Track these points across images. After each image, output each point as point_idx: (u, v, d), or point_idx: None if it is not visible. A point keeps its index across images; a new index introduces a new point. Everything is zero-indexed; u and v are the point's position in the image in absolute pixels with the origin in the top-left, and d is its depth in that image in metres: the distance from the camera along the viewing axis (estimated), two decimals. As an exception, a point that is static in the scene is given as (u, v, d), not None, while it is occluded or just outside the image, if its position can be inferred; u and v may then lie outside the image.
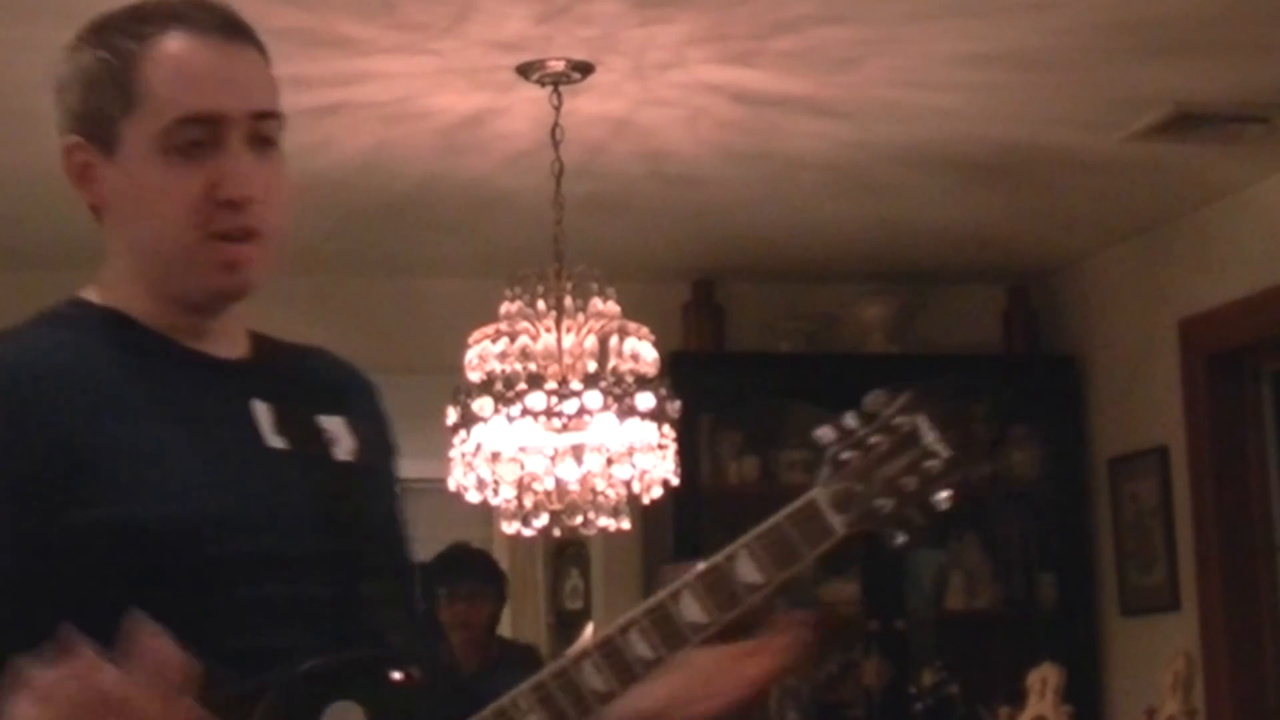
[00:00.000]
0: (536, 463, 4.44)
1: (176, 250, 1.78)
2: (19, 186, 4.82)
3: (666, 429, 4.48)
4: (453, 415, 4.44)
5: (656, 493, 4.57)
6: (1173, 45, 4.32)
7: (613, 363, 4.40)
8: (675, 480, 4.61)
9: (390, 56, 4.31)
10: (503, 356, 4.39)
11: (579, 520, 4.51)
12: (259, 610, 1.72)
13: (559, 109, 4.50)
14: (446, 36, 4.21)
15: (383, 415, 1.96)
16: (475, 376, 4.41)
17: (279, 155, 1.82)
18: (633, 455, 4.46)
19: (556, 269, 4.50)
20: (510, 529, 4.64)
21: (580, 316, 4.43)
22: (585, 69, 4.41)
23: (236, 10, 1.84)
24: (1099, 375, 6.30)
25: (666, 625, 1.76)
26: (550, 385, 4.35)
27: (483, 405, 4.37)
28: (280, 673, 1.67)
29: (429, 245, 5.91)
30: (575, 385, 4.35)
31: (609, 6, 4.07)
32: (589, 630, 6.33)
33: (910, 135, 4.94)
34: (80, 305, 1.84)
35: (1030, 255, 6.27)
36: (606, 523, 4.52)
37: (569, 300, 4.45)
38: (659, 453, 4.48)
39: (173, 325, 1.82)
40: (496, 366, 4.38)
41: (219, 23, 1.80)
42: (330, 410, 1.87)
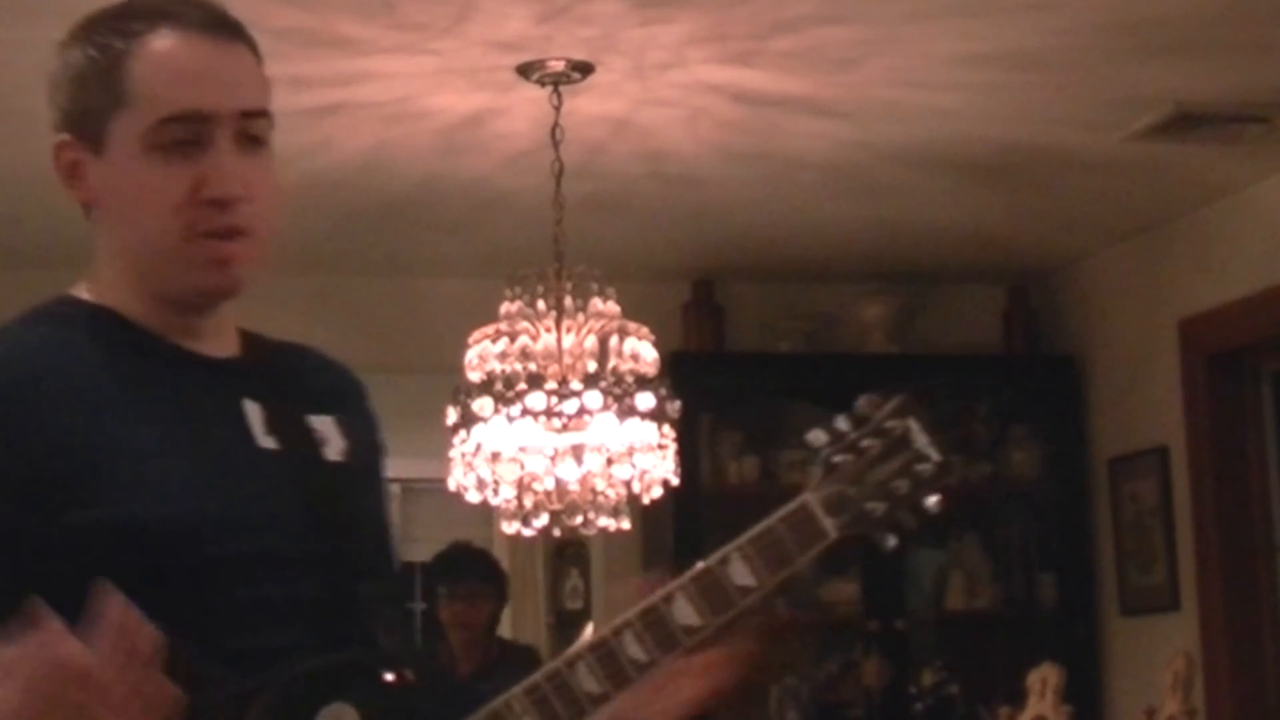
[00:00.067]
0: (536, 463, 4.44)
1: (164, 249, 1.78)
2: (18, 186, 4.82)
3: (666, 429, 4.48)
4: (453, 415, 4.44)
5: (656, 493, 4.56)
6: (1173, 45, 4.32)
7: (613, 363, 4.39)
8: (675, 480, 4.61)
9: (390, 56, 4.31)
10: (503, 356, 4.39)
11: (579, 520, 4.51)
12: (257, 610, 1.72)
13: (559, 109, 4.50)
14: (446, 36, 4.20)
15: (372, 415, 1.96)
16: (475, 376, 4.41)
17: (268, 153, 1.82)
18: (633, 455, 4.45)
19: (556, 269, 4.50)
20: (510, 529, 4.64)
21: (580, 316, 4.43)
22: (585, 69, 4.41)
23: (228, 8, 1.83)
24: (1099, 375, 6.30)
25: (660, 628, 1.77)
26: (550, 385, 4.35)
27: (483, 405, 4.37)
28: (275, 674, 1.67)
29: (429, 245, 5.91)
30: (575, 385, 4.35)
31: (609, 6, 4.07)
32: (589, 630, 6.31)
33: (910, 135, 4.94)
34: (70, 303, 1.84)
35: (1030, 255, 6.27)
36: (606, 523, 4.52)
37: (569, 300, 4.45)
38: (659, 453, 4.48)
39: (163, 323, 1.81)
40: (496, 366, 4.38)
41: (208, 20, 1.80)
42: (320, 410, 1.87)
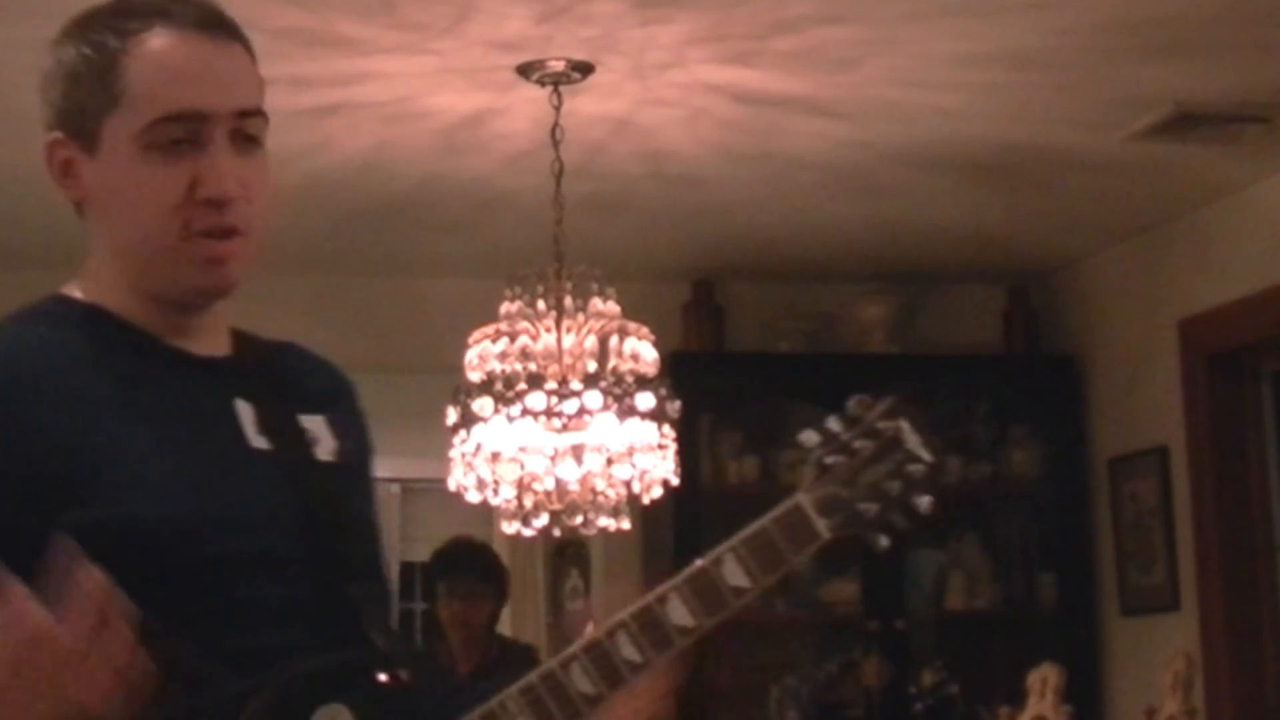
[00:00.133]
0: (536, 463, 4.44)
1: (158, 248, 1.77)
2: (18, 186, 4.81)
3: (666, 429, 4.48)
4: (453, 415, 4.44)
5: (656, 493, 4.56)
6: (1173, 45, 4.32)
7: (613, 363, 4.39)
8: (675, 480, 4.60)
9: (390, 56, 4.31)
10: (503, 356, 4.38)
11: (579, 520, 4.51)
12: (256, 610, 1.72)
13: (559, 109, 4.50)
14: (446, 36, 4.20)
15: (361, 415, 1.96)
16: (475, 376, 4.41)
17: (263, 153, 1.81)
18: (633, 455, 4.45)
19: (556, 269, 4.50)
20: (510, 529, 4.64)
21: (580, 316, 4.43)
22: (585, 69, 4.41)
23: (224, 7, 1.82)
24: (1099, 375, 6.30)
25: (654, 628, 1.77)
26: (550, 385, 4.35)
27: (483, 405, 4.36)
28: (271, 674, 1.67)
29: (429, 245, 5.91)
30: (575, 385, 4.34)
31: (609, 6, 4.07)
32: (589, 630, 6.30)
33: (910, 135, 4.94)
34: (63, 302, 1.83)
35: (1030, 255, 6.27)
36: (606, 523, 4.52)
37: (569, 300, 4.45)
38: (659, 453, 4.48)
39: (156, 323, 1.81)
40: (496, 366, 4.38)
41: (203, 19, 1.79)
42: (311, 409, 1.87)
